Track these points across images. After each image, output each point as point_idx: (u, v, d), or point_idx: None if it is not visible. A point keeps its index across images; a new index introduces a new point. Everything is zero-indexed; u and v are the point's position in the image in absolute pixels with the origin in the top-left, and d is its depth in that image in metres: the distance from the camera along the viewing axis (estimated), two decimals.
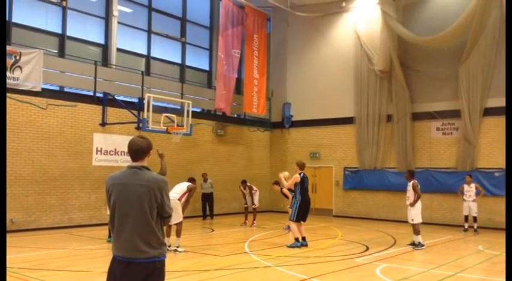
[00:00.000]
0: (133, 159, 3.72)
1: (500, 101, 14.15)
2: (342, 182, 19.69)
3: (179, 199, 10.62)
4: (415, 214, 11.53)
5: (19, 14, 14.21)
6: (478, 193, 14.80)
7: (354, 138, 19.41)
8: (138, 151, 3.71)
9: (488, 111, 16.26)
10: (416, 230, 11.51)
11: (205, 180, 17.66)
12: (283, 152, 21.62)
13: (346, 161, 19.67)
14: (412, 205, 11.54)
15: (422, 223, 11.87)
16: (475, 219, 14.80)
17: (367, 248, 11.26)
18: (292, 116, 21.31)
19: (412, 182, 11.67)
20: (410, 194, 11.65)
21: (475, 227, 14.78)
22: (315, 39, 20.90)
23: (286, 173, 12.10)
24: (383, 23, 18.09)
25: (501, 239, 10.82)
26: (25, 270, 8.18)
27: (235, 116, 20.55)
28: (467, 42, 16.45)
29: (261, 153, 21.57)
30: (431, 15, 17.67)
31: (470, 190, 14.81)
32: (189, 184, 11.12)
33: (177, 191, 10.76)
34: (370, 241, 12.64)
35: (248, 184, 15.87)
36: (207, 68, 20.60)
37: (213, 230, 14.78)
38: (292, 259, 9.76)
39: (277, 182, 15.59)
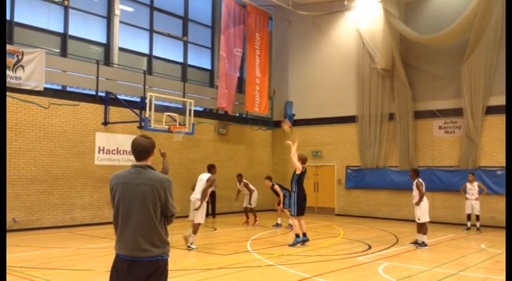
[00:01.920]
0: (137, 158, 3.74)
1: (503, 100, 14.06)
2: (344, 181, 19.67)
3: (201, 200, 10.42)
4: (421, 213, 11.49)
5: (21, 14, 14.21)
6: (480, 192, 14.79)
7: (356, 137, 19.39)
8: (142, 150, 3.71)
9: (490, 110, 16.22)
10: (424, 229, 11.46)
11: None
12: (285, 151, 21.43)
13: (348, 160, 19.66)
14: (417, 204, 11.51)
15: None
16: (477, 217, 14.79)
17: (370, 247, 11.26)
18: (294, 114, 21.28)
19: (416, 181, 11.65)
20: (415, 193, 11.61)
21: (478, 225, 14.77)
22: (316, 37, 20.88)
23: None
24: (385, 22, 18.06)
25: (504, 237, 10.79)
26: (27, 269, 8.19)
27: (237, 115, 20.54)
28: (469, 41, 16.42)
29: (263, 152, 21.57)
30: (433, 14, 17.63)
31: (472, 188, 14.82)
32: (208, 176, 10.79)
33: (198, 192, 10.58)
34: (373, 239, 12.63)
35: (245, 180, 15.85)
36: (209, 67, 20.59)
37: (215, 229, 14.79)
38: (295, 258, 9.77)
39: (269, 177, 15.59)
